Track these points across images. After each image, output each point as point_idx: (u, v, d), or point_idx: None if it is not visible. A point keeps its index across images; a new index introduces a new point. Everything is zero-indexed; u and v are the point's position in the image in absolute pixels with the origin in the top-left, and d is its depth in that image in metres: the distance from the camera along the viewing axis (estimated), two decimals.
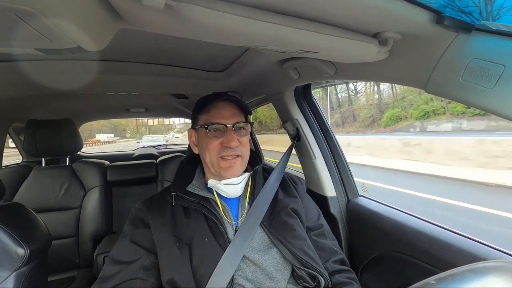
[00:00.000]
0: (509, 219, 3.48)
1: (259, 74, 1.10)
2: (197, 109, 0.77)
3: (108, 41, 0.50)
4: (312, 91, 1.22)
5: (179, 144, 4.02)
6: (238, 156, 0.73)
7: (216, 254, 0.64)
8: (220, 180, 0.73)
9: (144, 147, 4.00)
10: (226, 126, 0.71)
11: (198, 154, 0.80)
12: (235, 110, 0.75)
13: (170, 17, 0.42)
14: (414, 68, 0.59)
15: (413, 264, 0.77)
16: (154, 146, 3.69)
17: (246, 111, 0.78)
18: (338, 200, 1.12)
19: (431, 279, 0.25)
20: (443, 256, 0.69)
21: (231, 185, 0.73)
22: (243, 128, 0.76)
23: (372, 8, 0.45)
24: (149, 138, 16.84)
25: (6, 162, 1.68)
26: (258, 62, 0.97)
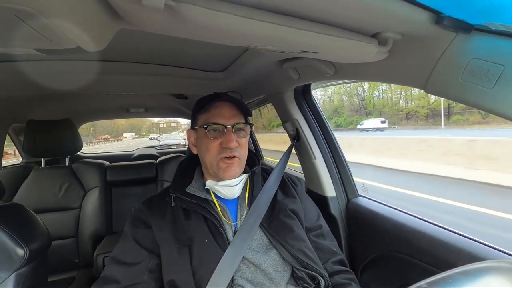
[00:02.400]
0: None
1: (259, 74, 1.10)
2: (197, 109, 0.77)
3: (107, 41, 0.50)
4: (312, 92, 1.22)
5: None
6: (235, 157, 0.72)
7: (216, 255, 0.64)
8: (218, 181, 0.73)
9: (165, 144, 4.14)
10: (226, 127, 0.71)
11: (197, 154, 0.80)
12: (235, 111, 0.74)
13: (169, 17, 0.42)
14: (414, 68, 0.59)
15: (413, 264, 0.77)
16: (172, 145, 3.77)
17: (246, 112, 0.77)
18: (338, 200, 1.12)
19: (423, 283, 0.26)
20: (443, 256, 0.69)
21: (228, 187, 0.72)
22: (243, 129, 0.75)
23: (371, 8, 0.45)
24: (168, 137, 18.20)
25: None
26: (257, 62, 0.97)
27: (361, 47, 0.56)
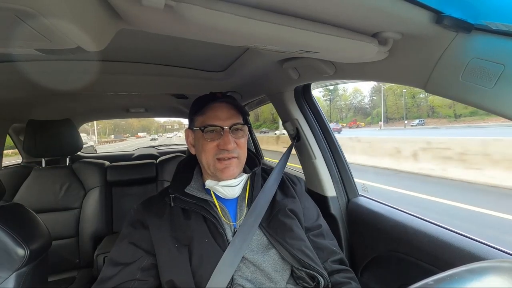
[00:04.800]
0: None
1: (259, 74, 1.10)
2: (194, 109, 0.77)
3: (108, 41, 0.50)
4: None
5: (177, 144, 4.05)
6: (234, 157, 0.72)
7: (215, 255, 0.64)
8: (218, 182, 0.73)
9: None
10: (223, 128, 0.71)
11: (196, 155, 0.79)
12: (232, 111, 0.74)
13: (170, 17, 0.42)
14: (414, 68, 0.59)
15: (414, 264, 0.77)
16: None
17: (243, 112, 0.77)
18: (338, 200, 1.12)
19: (429, 280, 0.25)
20: (444, 256, 0.69)
21: (228, 187, 0.72)
22: (240, 130, 0.75)
23: (372, 8, 0.45)
24: None
25: None
26: (258, 62, 0.97)
27: (361, 47, 0.56)
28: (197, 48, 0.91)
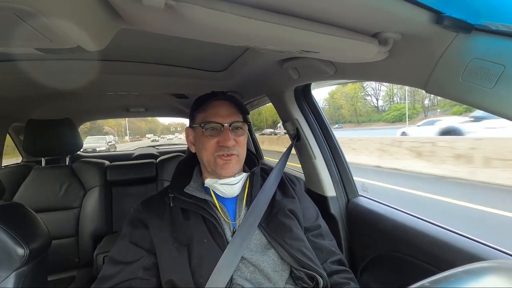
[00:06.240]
0: None
1: (259, 74, 1.10)
2: (195, 107, 0.77)
3: (108, 41, 0.50)
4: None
5: (177, 144, 4.05)
6: (234, 155, 0.73)
7: (215, 255, 0.64)
8: (217, 180, 0.73)
9: None
10: (223, 125, 0.71)
11: (196, 154, 0.80)
12: (232, 109, 0.75)
13: (170, 17, 0.42)
14: (414, 68, 0.59)
15: (413, 265, 0.77)
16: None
17: (243, 111, 0.78)
18: (338, 200, 1.12)
19: (425, 281, 0.25)
20: (444, 256, 0.69)
21: (228, 185, 0.73)
22: (240, 128, 0.75)
23: (372, 8, 0.45)
24: None
25: None
26: (258, 62, 0.97)
27: (361, 47, 0.56)
28: (197, 48, 0.91)
